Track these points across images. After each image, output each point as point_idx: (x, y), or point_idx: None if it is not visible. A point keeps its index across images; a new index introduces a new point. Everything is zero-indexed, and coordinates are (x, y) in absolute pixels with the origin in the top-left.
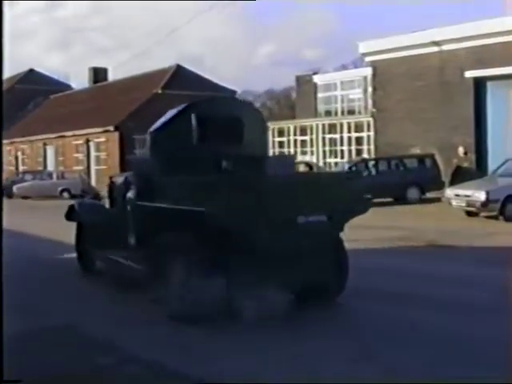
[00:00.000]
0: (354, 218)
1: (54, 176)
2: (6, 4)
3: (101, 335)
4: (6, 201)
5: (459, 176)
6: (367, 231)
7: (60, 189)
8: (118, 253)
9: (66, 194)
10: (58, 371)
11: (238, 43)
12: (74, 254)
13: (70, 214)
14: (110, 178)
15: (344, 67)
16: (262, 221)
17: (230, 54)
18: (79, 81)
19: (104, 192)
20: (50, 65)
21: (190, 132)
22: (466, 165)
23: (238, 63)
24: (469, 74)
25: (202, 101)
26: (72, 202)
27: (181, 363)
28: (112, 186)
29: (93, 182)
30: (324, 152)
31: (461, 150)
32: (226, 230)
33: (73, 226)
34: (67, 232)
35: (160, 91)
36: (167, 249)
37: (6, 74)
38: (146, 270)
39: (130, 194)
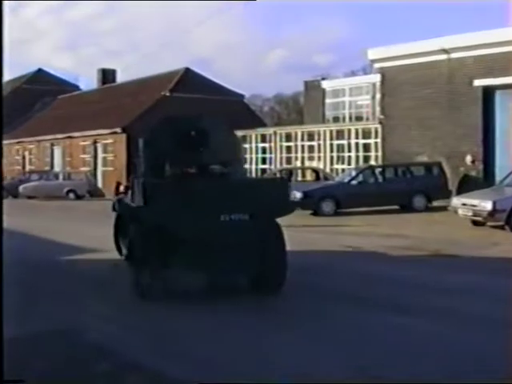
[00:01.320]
0: (277, 217)
1: (61, 176)
2: (5, 4)
3: None
4: (10, 200)
5: (466, 185)
6: (372, 239)
7: (66, 189)
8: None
9: (71, 195)
10: None
11: (248, 47)
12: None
13: (113, 208)
14: (117, 182)
15: (353, 73)
16: (188, 217)
17: (240, 58)
18: (88, 82)
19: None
20: (60, 65)
21: (161, 142)
22: (473, 174)
23: (247, 67)
24: (477, 82)
25: (175, 116)
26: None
27: None
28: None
29: (99, 184)
30: (331, 158)
31: (468, 158)
32: (158, 223)
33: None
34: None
35: (168, 94)
36: (131, 236)
37: (15, 74)
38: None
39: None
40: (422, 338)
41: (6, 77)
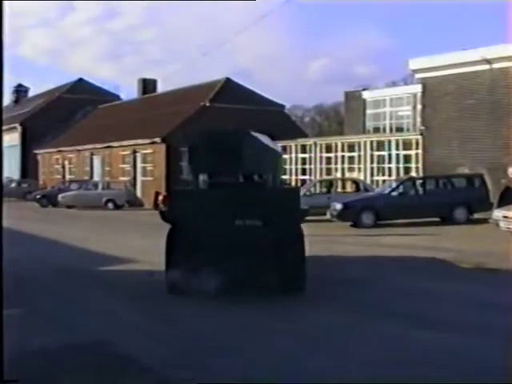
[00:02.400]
0: (292, 225)
1: (100, 186)
2: (6, 4)
3: None
4: (49, 209)
5: (508, 197)
6: (412, 252)
7: (105, 199)
8: None
9: (110, 205)
10: None
11: (289, 58)
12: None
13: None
14: (156, 192)
15: (394, 84)
16: (202, 222)
17: (281, 68)
18: (129, 91)
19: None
20: (101, 75)
21: (198, 153)
22: None
23: (288, 78)
24: None
25: (214, 130)
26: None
27: None
28: None
29: (138, 193)
30: (372, 169)
31: (510, 170)
32: (173, 224)
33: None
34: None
35: (208, 104)
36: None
37: (56, 83)
38: None
39: None
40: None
41: (49, 86)
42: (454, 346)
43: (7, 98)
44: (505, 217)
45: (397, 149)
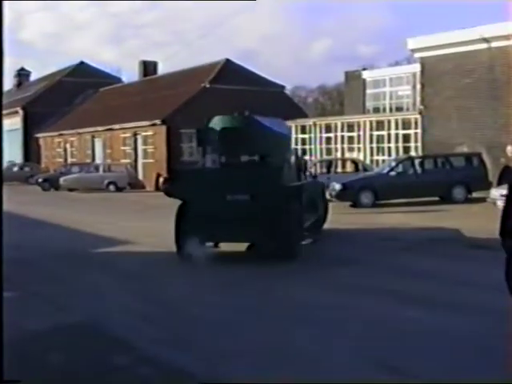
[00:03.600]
0: (277, 199)
1: (101, 169)
2: (6, 4)
3: None
4: (51, 192)
5: (506, 176)
6: (409, 231)
7: (106, 182)
8: None
9: (112, 187)
10: None
11: (292, 38)
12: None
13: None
14: (157, 174)
15: (398, 64)
16: (201, 196)
17: (284, 48)
18: (130, 74)
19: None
20: (103, 58)
21: (203, 136)
22: None
23: (292, 58)
24: None
25: (218, 117)
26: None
27: None
28: None
29: (140, 176)
30: (371, 149)
31: (509, 149)
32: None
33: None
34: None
35: (208, 85)
36: None
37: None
38: None
39: None
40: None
41: (50, 69)
42: (443, 324)
43: (10, 83)
44: (502, 195)
45: (396, 128)
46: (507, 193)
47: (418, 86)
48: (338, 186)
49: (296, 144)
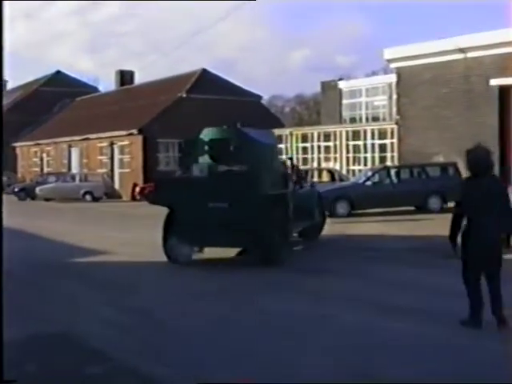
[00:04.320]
0: (254, 206)
1: (77, 178)
2: (5, 4)
3: None
4: (27, 202)
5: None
6: (384, 240)
7: (83, 191)
8: None
9: (88, 197)
10: None
11: (270, 47)
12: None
13: None
14: (134, 183)
15: (374, 74)
16: (186, 203)
17: (262, 58)
18: (107, 83)
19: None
20: (81, 67)
21: (188, 146)
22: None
23: (269, 68)
24: (494, 82)
25: (208, 129)
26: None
27: None
28: None
29: (116, 185)
30: (348, 159)
31: None
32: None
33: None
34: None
35: (185, 95)
36: None
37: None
38: None
39: None
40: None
41: (27, 79)
42: (416, 332)
43: None
44: None
45: (372, 138)
46: (455, 204)
47: (394, 96)
48: None
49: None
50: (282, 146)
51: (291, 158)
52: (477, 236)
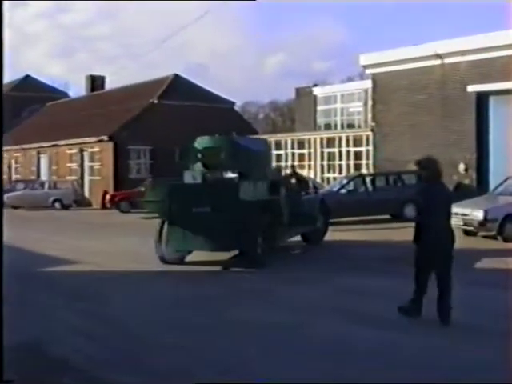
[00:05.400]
0: (235, 212)
1: (46, 185)
2: (5, 4)
3: None
4: None
5: (459, 193)
6: (356, 249)
7: (52, 199)
8: None
9: (57, 205)
10: None
11: (244, 53)
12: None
13: None
14: (104, 191)
15: (350, 80)
16: (171, 208)
17: (235, 64)
18: (78, 89)
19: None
20: (51, 72)
21: (183, 154)
22: (466, 182)
23: (243, 73)
24: (471, 88)
25: (201, 137)
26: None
27: None
28: None
29: (86, 193)
30: (322, 166)
31: (461, 166)
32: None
33: None
34: None
35: (156, 101)
36: None
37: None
38: None
39: None
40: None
41: None
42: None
43: None
44: (455, 213)
45: (347, 145)
46: (416, 210)
47: (370, 103)
48: None
49: None
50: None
51: (293, 166)
52: (427, 237)
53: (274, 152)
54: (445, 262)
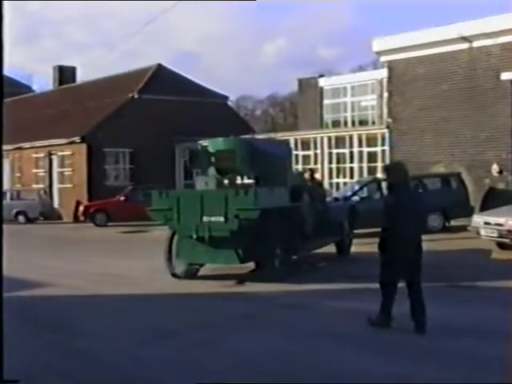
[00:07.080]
0: (246, 221)
1: (8, 196)
2: (5, 4)
3: None
4: None
5: (492, 200)
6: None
7: (15, 211)
8: None
9: (21, 218)
10: None
11: (238, 40)
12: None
13: None
14: (77, 201)
15: (362, 69)
16: (182, 219)
17: (229, 52)
18: (43, 81)
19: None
20: (12, 62)
21: (193, 158)
22: (500, 186)
23: (238, 63)
24: (505, 75)
25: (213, 139)
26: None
27: None
28: None
29: (55, 204)
30: (330, 170)
31: (495, 168)
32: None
33: None
34: None
35: (136, 96)
36: None
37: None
38: None
39: None
40: None
41: None
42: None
43: None
44: (486, 223)
45: (359, 145)
46: (385, 215)
47: (385, 95)
48: None
49: None
50: None
51: (311, 170)
52: (394, 249)
53: None
54: (413, 273)
